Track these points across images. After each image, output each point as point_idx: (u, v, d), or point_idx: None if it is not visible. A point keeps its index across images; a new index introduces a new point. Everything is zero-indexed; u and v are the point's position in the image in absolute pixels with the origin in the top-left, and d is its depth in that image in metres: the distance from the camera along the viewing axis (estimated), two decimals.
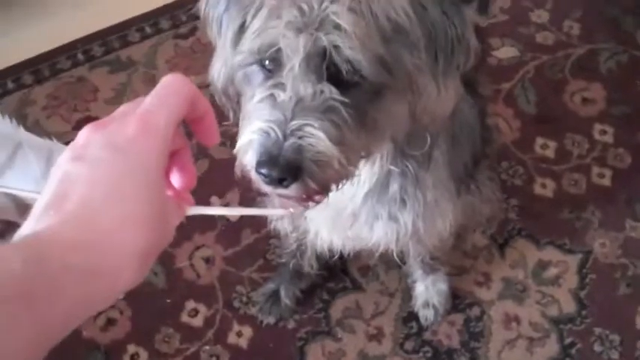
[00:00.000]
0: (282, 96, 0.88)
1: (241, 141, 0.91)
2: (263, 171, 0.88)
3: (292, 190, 0.90)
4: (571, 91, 2.03)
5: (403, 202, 1.20)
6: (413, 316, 1.72)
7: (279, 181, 0.88)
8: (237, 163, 0.94)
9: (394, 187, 1.17)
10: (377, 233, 1.26)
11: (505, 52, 2.10)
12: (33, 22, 2.16)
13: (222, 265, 1.78)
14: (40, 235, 0.54)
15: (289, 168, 0.87)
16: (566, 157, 1.93)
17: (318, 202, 0.97)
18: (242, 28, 0.95)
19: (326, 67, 0.88)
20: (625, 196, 1.87)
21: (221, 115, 0.94)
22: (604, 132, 1.97)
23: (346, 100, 0.89)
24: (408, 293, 1.74)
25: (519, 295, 1.75)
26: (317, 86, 0.88)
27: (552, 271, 1.78)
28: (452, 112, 1.28)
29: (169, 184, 0.67)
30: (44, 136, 1.87)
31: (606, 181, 1.90)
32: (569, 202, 1.87)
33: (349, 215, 1.22)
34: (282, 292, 1.69)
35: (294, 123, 0.87)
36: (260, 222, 1.74)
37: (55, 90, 2.04)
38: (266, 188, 0.92)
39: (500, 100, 2.00)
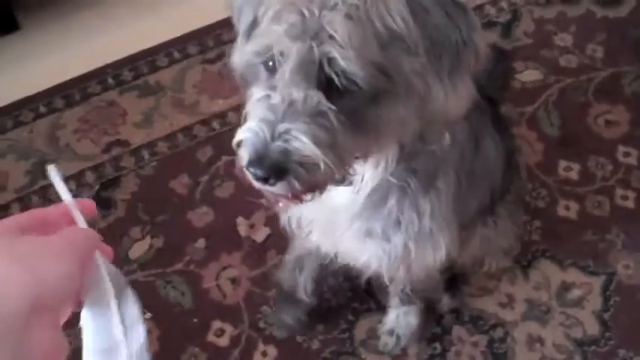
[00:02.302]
0: (274, 98, 0.92)
1: (237, 137, 0.96)
2: (251, 169, 0.92)
3: (278, 188, 0.94)
4: (595, 113, 2.04)
5: (398, 222, 1.21)
6: (437, 337, 1.73)
7: (265, 180, 0.93)
8: (236, 156, 0.97)
9: (391, 202, 1.18)
10: (368, 250, 1.27)
11: (529, 75, 2.12)
12: (65, 47, 2.21)
13: (248, 285, 1.80)
14: None
15: (274, 168, 0.91)
16: (590, 180, 1.94)
17: (306, 201, 1.01)
18: (254, 23, 0.98)
19: (319, 74, 0.91)
20: None
21: None
22: (628, 154, 1.97)
23: (335, 107, 0.92)
24: (432, 314, 1.75)
25: (543, 317, 1.75)
26: (307, 92, 0.91)
27: (576, 293, 1.78)
28: (475, 148, 1.30)
29: None
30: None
31: (630, 203, 1.90)
32: (593, 224, 1.87)
33: (345, 221, 1.23)
34: (285, 317, 1.72)
35: (283, 126, 0.91)
36: (285, 243, 1.77)
37: (86, 114, 2.08)
38: (256, 184, 0.96)
39: (523, 122, 2.02)
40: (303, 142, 0.91)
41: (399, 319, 1.69)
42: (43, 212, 0.68)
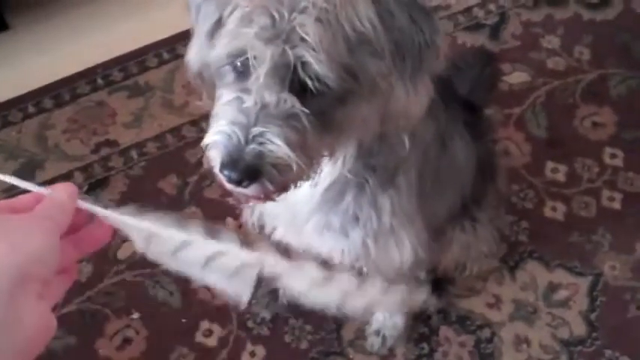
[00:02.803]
0: (247, 101, 0.93)
1: (208, 139, 0.96)
2: (225, 172, 0.93)
3: (251, 190, 0.95)
4: (581, 115, 2.06)
5: (356, 218, 1.22)
6: (424, 337, 1.74)
7: (239, 182, 0.94)
8: (204, 157, 0.98)
9: (348, 198, 1.19)
10: (327, 243, 1.28)
11: (516, 77, 2.13)
12: (54, 47, 2.21)
13: None
14: None
15: (248, 171, 0.93)
16: (577, 181, 1.95)
17: (275, 200, 1.02)
18: (219, 23, 0.98)
19: (292, 77, 0.92)
20: (635, 219, 1.89)
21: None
22: (614, 156, 1.99)
23: (308, 110, 0.93)
24: (419, 315, 1.76)
25: (530, 317, 1.76)
26: (280, 95, 0.92)
27: (563, 294, 1.79)
28: (442, 148, 1.31)
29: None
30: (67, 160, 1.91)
31: (616, 205, 1.92)
32: (580, 225, 1.88)
33: (305, 214, 1.24)
34: (281, 291, 1.71)
35: (256, 129, 0.91)
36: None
37: (75, 114, 2.08)
38: (228, 186, 0.97)
39: (511, 124, 2.03)
40: (277, 145, 0.92)
41: (386, 319, 1.70)
42: (12, 201, 0.71)
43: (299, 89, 0.92)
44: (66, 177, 1.96)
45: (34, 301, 0.61)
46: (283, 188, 1.00)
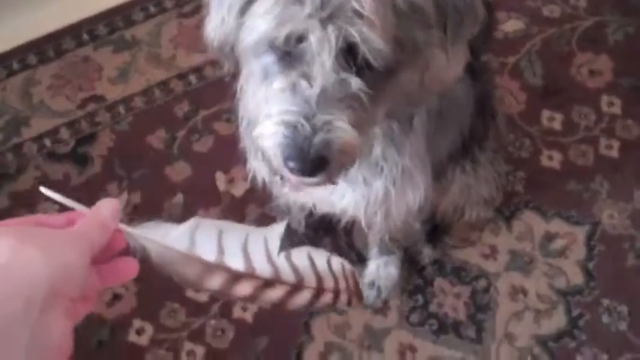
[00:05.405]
0: (308, 88, 0.89)
1: (265, 129, 0.92)
2: (291, 164, 0.90)
3: (318, 178, 0.93)
4: (578, 63, 2.01)
5: (380, 168, 1.21)
6: (419, 289, 1.71)
7: (306, 172, 0.91)
8: (245, 142, 0.98)
9: (377, 150, 1.17)
10: (347, 198, 1.26)
11: (512, 25, 2.08)
12: (38, 3, 2.15)
13: None
14: None
15: (319, 162, 0.90)
16: (574, 129, 1.91)
17: (336, 183, 1.02)
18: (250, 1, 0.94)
19: (353, 57, 0.89)
20: (633, 167, 1.85)
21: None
22: (612, 104, 1.94)
23: (368, 88, 0.91)
24: (413, 266, 1.73)
25: (526, 267, 1.73)
26: (343, 77, 0.89)
27: (559, 243, 1.76)
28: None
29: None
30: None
31: (614, 153, 1.88)
32: (577, 174, 1.85)
33: None
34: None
35: (322, 117, 0.89)
36: (265, 197, 1.74)
37: (60, 70, 2.03)
38: (292, 178, 0.95)
39: (506, 73, 1.99)
40: (344, 130, 0.90)
41: (380, 270, 1.67)
42: (41, 217, 0.71)
43: (355, 68, 0.90)
44: (52, 133, 1.92)
45: (61, 316, 0.61)
46: (346, 171, 0.98)
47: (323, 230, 1.73)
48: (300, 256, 0.75)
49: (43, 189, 0.72)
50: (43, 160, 1.88)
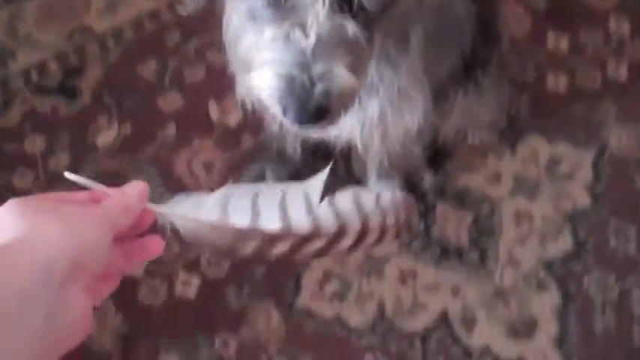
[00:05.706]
0: (303, 38, 0.86)
1: (261, 80, 0.90)
2: (292, 115, 0.88)
3: (318, 126, 0.91)
4: None
5: (376, 88, 1.17)
6: (420, 215, 1.65)
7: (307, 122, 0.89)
8: (241, 90, 1.05)
9: (372, 70, 1.13)
10: (341, 123, 1.21)
11: None
12: None
13: (222, 171, 1.72)
14: None
15: (320, 112, 0.88)
16: (581, 51, 1.84)
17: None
18: None
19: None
20: None
21: None
22: (620, 25, 1.87)
23: (363, 28, 0.88)
24: (414, 192, 1.67)
25: (531, 192, 1.67)
26: (340, 22, 0.86)
27: (566, 166, 1.70)
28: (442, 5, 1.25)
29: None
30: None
31: (622, 75, 1.81)
32: (584, 97, 1.78)
33: None
34: (268, 174, 1.65)
35: (319, 66, 0.86)
36: (259, 126, 1.68)
37: (46, 2, 1.97)
38: (291, 126, 0.93)
39: None
40: (343, 78, 0.87)
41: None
42: (65, 194, 0.70)
43: (347, 9, 0.86)
44: (40, 66, 1.86)
45: (81, 292, 0.61)
46: (346, 112, 0.94)
47: (321, 155, 1.67)
48: (344, 200, 0.72)
49: (67, 174, 0.69)
50: (31, 94, 1.82)
